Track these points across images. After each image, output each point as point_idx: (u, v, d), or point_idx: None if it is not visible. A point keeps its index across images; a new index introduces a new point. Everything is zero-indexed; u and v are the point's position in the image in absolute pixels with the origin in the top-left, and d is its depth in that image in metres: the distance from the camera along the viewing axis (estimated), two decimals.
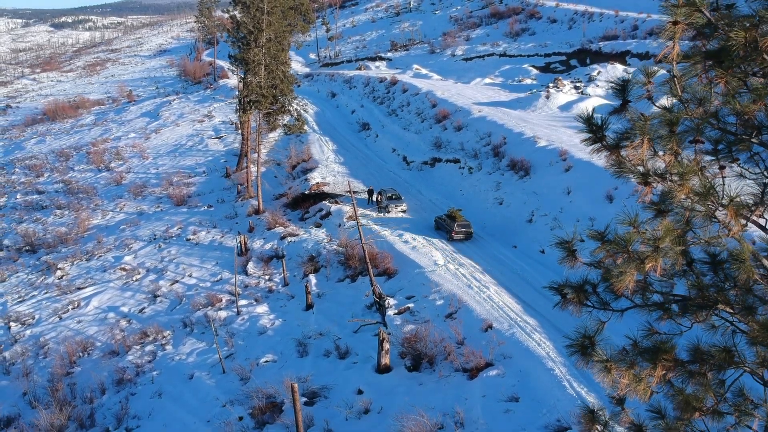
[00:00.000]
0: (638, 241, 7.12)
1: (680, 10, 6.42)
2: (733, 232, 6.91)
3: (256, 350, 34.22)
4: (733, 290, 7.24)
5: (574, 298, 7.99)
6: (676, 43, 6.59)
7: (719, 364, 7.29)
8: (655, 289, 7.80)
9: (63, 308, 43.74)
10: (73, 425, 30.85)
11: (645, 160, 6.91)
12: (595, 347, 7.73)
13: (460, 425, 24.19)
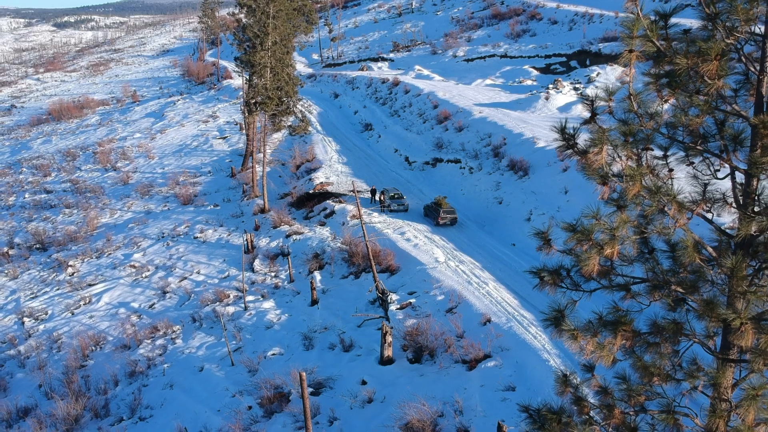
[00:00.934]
0: (600, 230, 8.38)
1: (634, 41, 7.70)
2: (680, 224, 8.17)
3: (263, 344, 35.51)
4: (684, 272, 8.49)
5: (549, 280, 9.26)
6: (632, 68, 7.86)
7: (671, 336, 8.57)
8: (618, 273, 9.08)
9: (75, 304, 45.05)
10: (88, 415, 32.15)
11: (605, 164, 8.18)
12: (565, 319, 9.01)
13: (459, 413, 25.48)
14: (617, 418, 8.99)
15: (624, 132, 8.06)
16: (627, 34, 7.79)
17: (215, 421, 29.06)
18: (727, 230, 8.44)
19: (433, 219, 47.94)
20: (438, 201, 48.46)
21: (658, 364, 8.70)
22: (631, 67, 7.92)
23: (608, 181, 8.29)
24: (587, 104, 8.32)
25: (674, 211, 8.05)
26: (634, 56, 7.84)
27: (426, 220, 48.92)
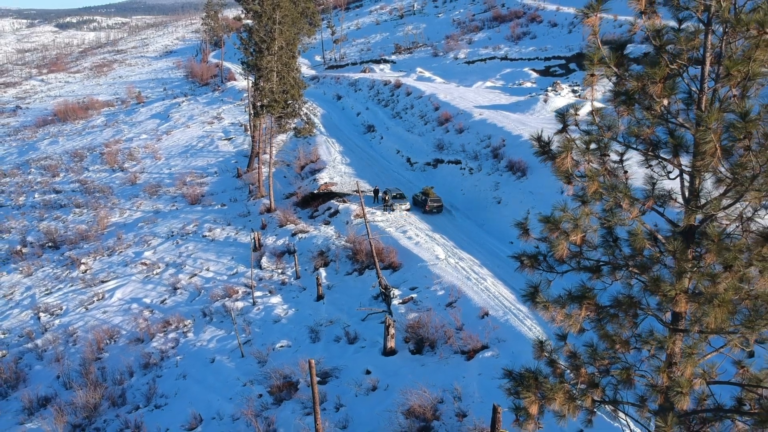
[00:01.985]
0: (566, 221, 10.02)
1: (595, 67, 9.34)
2: (632, 216, 9.80)
3: (271, 337, 37.17)
4: (639, 256, 10.11)
5: (528, 263, 10.91)
6: (594, 89, 9.51)
7: (627, 308, 10.20)
8: (586, 257, 10.71)
9: (88, 300, 46.71)
10: (106, 403, 33.81)
11: (570, 167, 9.81)
12: (539, 294, 10.65)
13: (458, 399, 27.16)
14: (584, 377, 10.65)
15: (585, 141, 9.73)
16: (589, 61, 9.48)
17: (228, 408, 30.75)
18: (678, 222, 10.09)
19: (421, 207, 52.66)
20: (425, 191, 53.34)
21: (618, 332, 10.36)
22: (592, 88, 9.59)
23: (572, 181, 9.93)
24: (559, 118, 10.00)
25: (627, 205, 9.69)
26: (594, 79, 9.53)
27: (415, 208, 51.21)
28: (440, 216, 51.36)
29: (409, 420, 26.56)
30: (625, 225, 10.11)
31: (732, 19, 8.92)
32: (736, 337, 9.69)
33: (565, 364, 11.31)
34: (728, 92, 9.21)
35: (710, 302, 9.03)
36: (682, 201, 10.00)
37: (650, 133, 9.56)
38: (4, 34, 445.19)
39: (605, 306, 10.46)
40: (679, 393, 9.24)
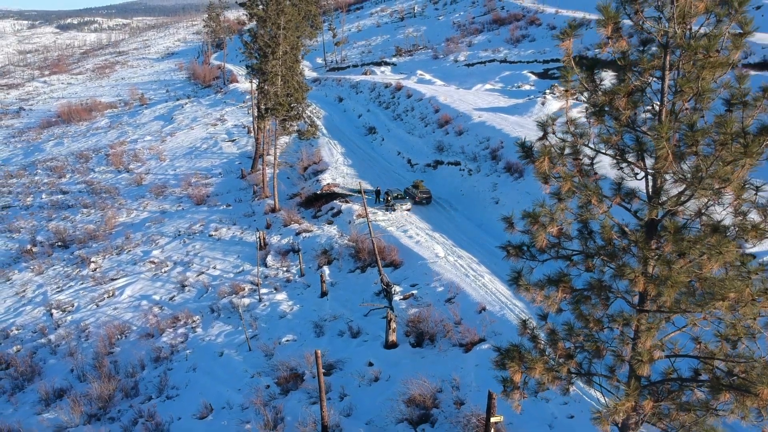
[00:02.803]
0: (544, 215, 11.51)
1: (569, 84, 10.82)
2: (601, 211, 11.29)
3: (277, 331, 38.68)
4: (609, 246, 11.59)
5: (514, 252, 12.40)
6: (568, 102, 10.99)
7: (597, 291, 11.69)
8: (563, 247, 12.20)
9: (99, 297, 48.21)
10: (119, 394, 35.33)
11: (547, 168, 11.29)
12: (521, 278, 12.15)
13: (456, 388, 28.68)
14: (561, 350, 12.13)
15: (560, 147, 11.22)
16: (564, 79, 10.98)
17: (237, 398, 32.27)
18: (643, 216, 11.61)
19: (412, 198, 55.65)
20: (416, 184, 57.03)
21: (591, 312, 11.84)
22: (567, 102, 11.09)
23: (549, 181, 11.42)
24: (540, 127, 11.50)
25: (596, 202, 11.17)
26: (568, 94, 11.03)
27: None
28: (440, 216, 52.84)
29: (410, 408, 28.09)
30: (596, 219, 11.58)
31: (684, 44, 10.42)
32: (694, 316, 11.19)
33: (545, 340, 12.79)
34: (682, 106, 10.71)
35: (664, 283, 10.52)
36: (646, 198, 11.51)
37: (618, 140, 11.09)
38: (5, 36, 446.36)
39: (580, 289, 11.97)
40: (639, 362, 10.75)
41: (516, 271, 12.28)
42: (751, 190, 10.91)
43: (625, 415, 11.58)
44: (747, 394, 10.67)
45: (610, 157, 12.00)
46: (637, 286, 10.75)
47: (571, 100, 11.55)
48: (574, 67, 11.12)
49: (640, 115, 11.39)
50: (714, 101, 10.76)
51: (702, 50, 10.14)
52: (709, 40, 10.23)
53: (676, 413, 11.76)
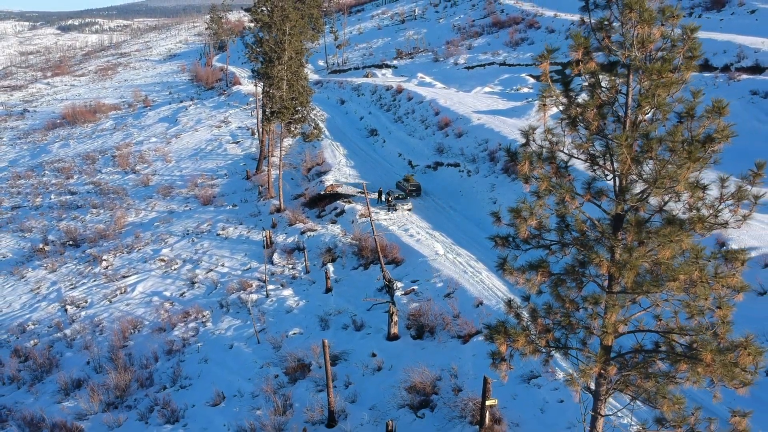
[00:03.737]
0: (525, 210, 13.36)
1: (546, 99, 12.70)
2: (574, 207, 13.15)
3: (284, 325, 40.57)
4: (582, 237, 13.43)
5: (501, 243, 14.26)
6: (546, 115, 12.86)
7: (572, 274, 13.55)
8: (543, 238, 14.05)
9: (112, 293, 50.08)
10: (135, 384, 37.22)
11: (527, 171, 13.13)
12: (507, 263, 14.00)
13: (455, 376, 30.60)
14: (540, 325, 13.99)
15: (538, 153, 13.08)
16: (542, 95, 12.84)
17: (247, 386, 34.19)
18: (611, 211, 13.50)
19: (404, 191, 59.17)
20: (406, 177, 60.91)
21: (567, 294, 13.69)
22: (545, 114, 12.95)
23: (529, 181, 13.27)
24: (522, 135, 13.38)
25: (569, 198, 13.03)
26: (546, 108, 12.90)
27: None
28: (440, 215, 54.65)
29: (411, 394, 30.03)
30: (570, 213, 13.42)
31: (642, 66, 12.27)
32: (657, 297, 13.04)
33: (528, 318, 14.65)
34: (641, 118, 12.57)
35: (624, 267, 12.36)
36: (614, 196, 13.36)
37: (589, 146, 12.96)
38: (7, 37, 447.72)
39: (557, 273, 13.82)
40: (605, 333, 12.62)
41: (502, 258, 14.16)
42: (703, 189, 12.78)
43: (592, 378, 13.46)
44: (697, 362, 12.53)
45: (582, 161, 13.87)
46: (602, 269, 12.62)
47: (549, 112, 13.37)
48: (551, 85, 13.03)
49: (610, 125, 13.24)
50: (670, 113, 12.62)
51: (656, 72, 12.03)
52: (661, 64, 12.10)
53: (640, 381, 13.64)
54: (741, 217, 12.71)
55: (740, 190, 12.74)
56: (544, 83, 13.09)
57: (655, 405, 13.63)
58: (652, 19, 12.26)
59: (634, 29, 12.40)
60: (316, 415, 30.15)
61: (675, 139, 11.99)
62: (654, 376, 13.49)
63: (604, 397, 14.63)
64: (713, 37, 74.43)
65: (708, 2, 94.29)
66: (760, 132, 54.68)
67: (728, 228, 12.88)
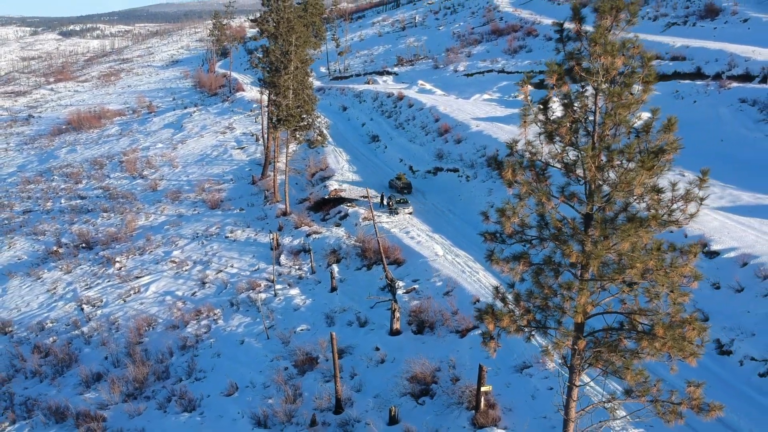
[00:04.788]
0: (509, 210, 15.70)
1: (528, 117, 15.06)
2: (550, 207, 15.48)
3: (292, 322, 42.92)
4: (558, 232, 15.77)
5: (489, 237, 16.59)
6: (526, 130, 15.21)
7: (551, 265, 15.89)
8: (525, 234, 16.40)
9: (126, 293, 52.41)
10: (152, 377, 39.53)
11: (510, 177, 15.47)
12: (494, 254, 16.33)
13: (453, 367, 32.97)
14: (522, 308, 16.32)
15: (519, 162, 15.43)
16: (522, 114, 15.21)
17: (259, 378, 36.54)
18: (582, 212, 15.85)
19: (395, 188, 64.65)
20: (398, 176, 66.26)
21: (546, 281, 16.01)
22: (525, 129, 15.30)
23: (512, 185, 15.60)
24: (507, 146, 15.74)
25: (545, 200, 15.36)
26: (527, 124, 15.25)
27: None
28: (439, 219, 56.98)
29: (412, 384, 32.42)
30: (548, 213, 15.72)
31: (606, 89, 14.62)
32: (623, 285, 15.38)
33: (512, 302, 16.96)
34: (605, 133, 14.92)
35: (590, 257, 14.67)
36: (584, 198, 15.69)
37: (563, 156, 15.31)
38: (8, 42, 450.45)
39: (537, 263, 16.14)
40: (576, 312, 14.97)
41: (490, 250, 16.48)
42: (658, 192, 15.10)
43: (565, 351, 15.78)
44: (655, 338, 14.83)
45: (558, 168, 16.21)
46: (571, 259, 14.94)
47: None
48: (530, 104, 15.38)
49: (582, 138, 15.55)
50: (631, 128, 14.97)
51: (617, 95, 14.37)
52: (621, 88, 14.44)
53: (609, 356, 15.93)
54: (688, 216, 15.05)
55: (688, 194, 15.04)
56: (525, 103, 15.44)
57: (621, 377, 15.97)
58: (615, 50, 14.59)
59: (599, 59, 14.75)
60: (324, 403, 32.52)
61: (631, 151, 14.34)
62: (621, 351, 15.79)
63: (578, 370, 16.98)
64: (706, 46, 76.91)
65: (702, 11, 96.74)
66: (747, 139, 57.07)
67: (679, 225, 15.15)
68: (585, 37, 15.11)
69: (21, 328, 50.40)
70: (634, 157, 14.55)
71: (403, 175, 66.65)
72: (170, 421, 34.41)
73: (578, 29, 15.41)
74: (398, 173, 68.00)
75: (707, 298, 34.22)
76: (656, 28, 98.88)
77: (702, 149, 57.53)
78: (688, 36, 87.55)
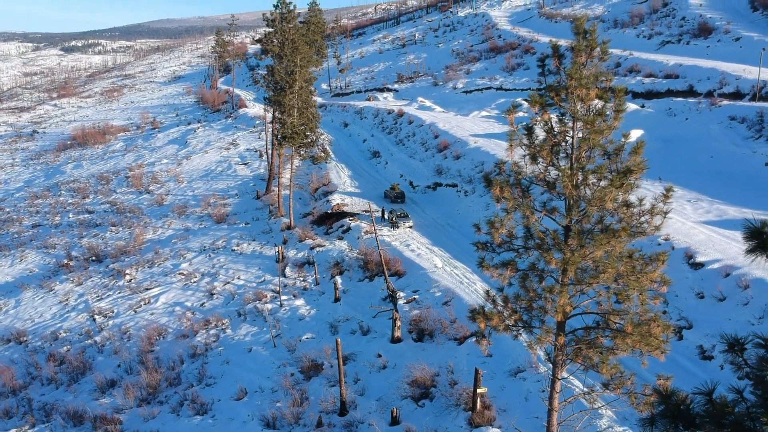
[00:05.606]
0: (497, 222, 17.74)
1: (513, 141, 17.17)
2: (533, 220, 17.52)
3: (298, 331, 44.89)
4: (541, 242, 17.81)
5: (481, 247, 18.63)
6: (512, 152, 17.29)
7: (533, 270, 17.93)
8: (512, 243, 18.44)
9: (136, 304, 54.37)
10: (164, 383, 41.45)
11: (498, 194, 17.51)
12: (485, 261, 18.36)
13: (451, 372, 34.92)
14: (510, 309, 18.34)
15: (506, 180, 17.50)
16: (509, 139, 17.32)
17: (267, 383, 38.48)
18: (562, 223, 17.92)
19: (389, 197, 68.65)
20: (393, 186, 70.34)
21: (531, 285, 18.04)
22: (511, 151, 17.38)
23: (500, 201, 17.64)
24: (495, 166, 17.84)
25: (528, 214, 17.42)
26: (512, 146, 17.33)
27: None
28: (438, 232, 59.05)
29: (412, 388, 34.38)
30: (532, 225, 17.75)
31: (581, 118, 16.70)
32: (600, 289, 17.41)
33: (501, 303, 18.96)
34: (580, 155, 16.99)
35: (568, 263, 16.69)
36: (564, 212, 17.74)
37: (545, 175, 17.39)
38: (10, 58, 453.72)
39: (522, 269, 18.17)
40: (556, 312, 17.00)
41: (481, 257, 18.51)
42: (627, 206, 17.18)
43: (548, 346, 17.76)
44: (626, 335, 16.85)
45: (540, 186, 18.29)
46: (552, 265, 16.97)
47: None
48: (515, 130, 17.46)
49: (562, 159, 17.61)
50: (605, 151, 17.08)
51: (590, 122, 16.45)
52: (593, 116, 16.52)
53: (587, 351, 17.92)
54: (654, 227, 17.07)
55: (653, 208, 17.07)
56: (511, 129, 17.52)
57: (599, 371, 17.92)
58: (589, 83, 16.66)
59: (575, 91, 16.81)
60: (329, 406, 34.46)
61: (602, 171, 16.41)
62: (598, 348, 17.76)
63: (560, 365, 18.97)
64: (699, 64, 79.24)
65: (696, 29, 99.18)
66: (735, 155, 59.22)
67: (646, 235, 17.19)
68: (563, 71, 17.16)
69: (35, 338, 52.30)
70: (606, 176, 16.60)
71: (397, 185, 70.55)
72: (183, 423, 36.32)
73: (557, 65, 17.46)
74: (392, 184, 72.01)
75: (692, 308, 36.35)
76: (651, 46, 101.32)
77: (693, 165, 59.84)
78: (681, 54, 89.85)
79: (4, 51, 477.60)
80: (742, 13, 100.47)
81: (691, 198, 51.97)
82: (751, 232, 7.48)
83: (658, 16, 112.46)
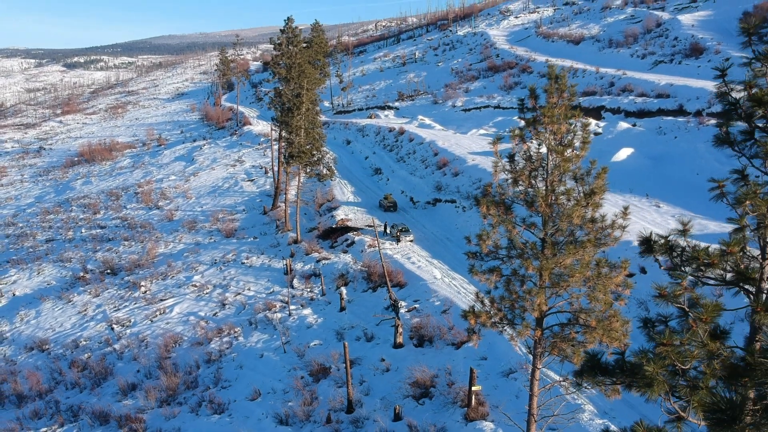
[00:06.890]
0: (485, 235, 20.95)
1: (497, 167, 20.45)
2: (515, 233, 20.75)
3: (306, 338, 48.02)
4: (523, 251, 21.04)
5: (471, 256, 21.84)
6: (497, 177, 20.54)
7: (515, 275, 21.12)
8: (498, 253, 21.64)
9: (152, 314, 57.49)
10: (182, 386, 44.54)
11: (485, 212, 20.73)
12: (474, 268, 21.58)
13: (449, 374, 38.06)
14: (495, 307, 21.55)
15: (493, 199, 20.76)
16: (493, 167, 20.63)
17: (279, 385, 41.59)
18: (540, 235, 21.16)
19: (383, 206, 74.05)
20: (386, 196, 75.71)
21: (514, 289, 21.24)
22: (495, 176, 20.65)
23: (486, 217, 20.85)
24: (483, 188, 21.15)
25: (510, 228, 20.64)
26: (497, 172, 20.62)
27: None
28: (438, 246, 62.26)
29: (413, 388, 37.53)
30: (514, 237, 20.94)
31: (553, 148, 19.99)
32: (572, 291, 20.61)
33: (488, 303, 22.12)
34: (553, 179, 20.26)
35: (542, 269, 19.88)
36: (541, 226, 20.97)
37: (525, 195, 20.66)
38: (13, 74, 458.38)
39: (506, 275, 21.38)
40: (533, 309, 20.23)
41: (471, 265, 21.71)
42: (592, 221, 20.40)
43: (526, 336, 20.95)
44: (592, 329, 20.06)
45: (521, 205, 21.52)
46: (529, 270, 20.18)
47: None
48: (499, 158, 20.75)
49: (540, 182, 20.83)
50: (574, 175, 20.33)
51: (560, 152, 19.72)
52: (562, 147, 19.79)
53: (561, 344, 21.07)
54: (614, 239, 20.27)
55: (614, 223, 20.27)
56: (495, 159, 20.81)
57: (572, 361, 21.04)
58: (560, 120, 19.92)
59: (548, 126, 20.05)
60: (337, 405, 37.61)
61: (570, 193, 19.66)
62: (570, 341, 20.91)
63: (539, 356, 22.15)
64: (689, 84, 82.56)
65: (688, 50, 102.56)
66: (719, 172, 61.76)
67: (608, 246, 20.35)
68: (539, 109, 20.41)
69: (57, 346, 55.38)
70: (574, 197, 19.84)
71: (390, 195, 76.13)
72: (203, 422, 39.38)
73: (534, 104, 20.72)
74: (385, 194, 77.03)
75: None
76: (644, 65, 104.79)
77: (679, 182, 63.16)
78: (673, 73, 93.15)
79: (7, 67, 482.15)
80: (732, 35, 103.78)
81: (676, 213, 55.09)
82: (642, 240, 10.70)
83: (652, 36, 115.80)
